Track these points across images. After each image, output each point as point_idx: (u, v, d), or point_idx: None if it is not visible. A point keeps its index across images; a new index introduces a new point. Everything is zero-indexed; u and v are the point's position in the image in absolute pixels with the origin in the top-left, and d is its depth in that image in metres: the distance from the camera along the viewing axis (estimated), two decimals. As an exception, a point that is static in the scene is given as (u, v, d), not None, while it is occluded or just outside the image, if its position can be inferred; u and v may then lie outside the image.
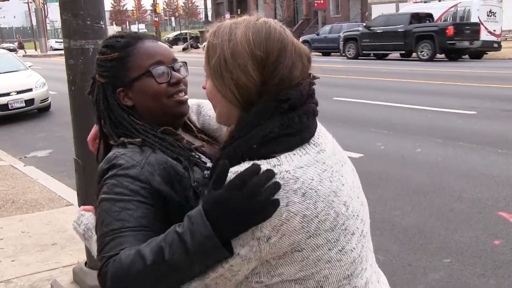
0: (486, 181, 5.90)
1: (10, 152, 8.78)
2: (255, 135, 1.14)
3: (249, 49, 1.15)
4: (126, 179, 1.30)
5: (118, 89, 1.47)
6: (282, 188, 1.09)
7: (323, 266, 1.16)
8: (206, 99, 1.34)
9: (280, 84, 1.17)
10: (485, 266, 4.01)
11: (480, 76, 15.67)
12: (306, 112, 1.19)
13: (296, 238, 1.11)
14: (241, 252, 1.11)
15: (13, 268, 4.20)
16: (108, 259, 1.21)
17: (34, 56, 39.72)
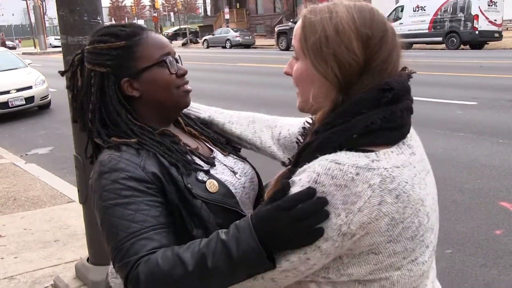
0: (487, 172, 5.90)
1: (11, 149, 8.79)
2: (357, 124, 1.09)
3: (354, 27, 1.12)
4: (132, 182, 1.28)
5: (122, 79, 1.40)
6: (378, 186, 1.05)
7: (393, 273, 1.12)
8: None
9: (381, 65, 1.13)
10: (487, 256, 4.01)
11: (481, 66, 15.64)
12: (406, 108, 1.15)
13: (378, 239, 1.08)
14: (322, 246, 1.06)
15: (16, 265, 4.22)
16: (137, 261, 1.19)
17: (33, 54, 39.66)
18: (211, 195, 1.37)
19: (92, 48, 1.42)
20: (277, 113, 3.41)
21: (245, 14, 48.80)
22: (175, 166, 1.35)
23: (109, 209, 1.27)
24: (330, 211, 1.04)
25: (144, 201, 1.27)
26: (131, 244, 1.22)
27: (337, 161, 1.06)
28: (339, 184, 1.04)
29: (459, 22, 23.18)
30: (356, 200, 1.04)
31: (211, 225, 1.32)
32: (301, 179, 1.08)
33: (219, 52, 32.73)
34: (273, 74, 17.21)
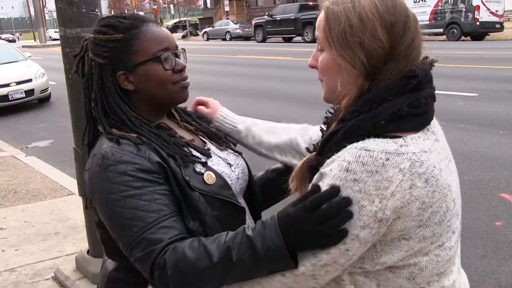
0: (487, 163, 5.90)
1: (11, 143, 8.80)
2: (384, 111, 1.11)
3: (378, 14, 1.13)
4: (141, 173, 1.29)
5: (118, 72, 1.41)
6: (408, 170, 1.07)
7: (421, 259, 1.14)
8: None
9: (405, 50, 1.15)
10: (486, 247, 4.02)
11: (482, 58, 15.59)
12: (430, 95, 1.17)
13: (408, 224, 1.09)
14: (360, 235, 1.07)
15: (16, 257, 4.23)
16: (163, 249, 1.22)
17: (33, 47, 39.59)
18: (208, 187, 1.38)
19: (93, 38, 1.43)
20: (277, 104, 3.40)
21: (245, 6, 48.63)
22: (173, 158, 1.36)
23: (120, 201, 1.27)
24: (364, 199, 1.06)
25: (156, 190, 1.29)
26: (152, 233, 1.24)
27: (367, 148, 1.08)
28: (370, 170, 1.06)
29: (460, 13, 23.10)
30: (388, 185, 1.05)
31: (208, 217, 1.33)
32: (331, 169, 1.10)
33: (219, 44, 32.65)
34: (273, 66, 17.19)
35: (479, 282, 3.57)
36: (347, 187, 1.07)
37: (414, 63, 1.17)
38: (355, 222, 1.07)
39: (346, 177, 1.07)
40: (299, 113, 9.19)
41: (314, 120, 1.36)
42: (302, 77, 12.79)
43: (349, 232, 1.07)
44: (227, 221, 1.38)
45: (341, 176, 1.07)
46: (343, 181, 1.07)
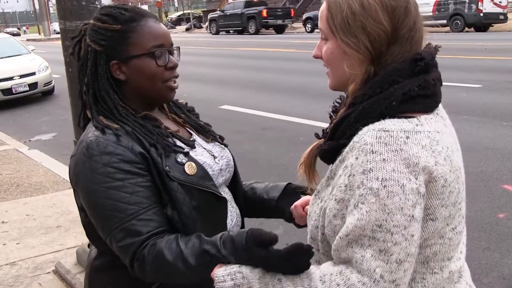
0: (491, 155, 5.86)
1: (14, 136, 8.81)
2: (395, 92, 1.13)
3: (379, 0, 1.16)
4: (124, 164, 1.35)
5: (112, 61, 1.45)
6: (429, 146, 1.09)
7: (436, 241, 1.16)
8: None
9: (408, 33, 1.18)
10: (490, 239, 4.00)
11: (486, 49, 15.50)
12: (438, 78, 1.20)
13: (434, 202, 1.10)
14: (415, 214, 1.07)
15: (18, 251, 4.24)
16: (143, 243, 1.32)
17: (37, 40, 39.60)
18: (188, 177, 1.42)
19: (92, 25, 1.48)
20: (278, 96, 3.34)
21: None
22: (154, 147, 1.41)
23: (103, 192, 1.34)
24: (401, 178, 1.05)
25: (138, 183, 1.35)
26: (132, 225, 1.32)
27: (385, 128, 1.09)
28: (395, 149, 1.07)
29: (464, 5, 22.93)
30: (417, 160, 1.07)
31: (185, 207, 1.40)
32: (357, 157, 1.09)
33: (222, 37, 32.59)
34: (274, 58, 17.15)
35: (482, 275, 3.56)
36: (379, 168, 1.06)
37: (418, 45, 1.20)
38: (405, 203, 1.05)
39: (375, 158, 1.07)
40: (298, 104, 9.17)
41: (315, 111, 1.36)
42: (303, 69, 12.76)
43: (405, 215, 1.06)
44: (207, 210, 1.45)
45: (369, 159, 1.07)
46: (373, 163, 1.07)
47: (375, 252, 1.07)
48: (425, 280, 1.18)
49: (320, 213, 1.23)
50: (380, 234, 1.06)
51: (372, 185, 1.06)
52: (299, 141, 6.96)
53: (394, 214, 1.05)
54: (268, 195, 1.74)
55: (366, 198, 1.07)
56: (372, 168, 1.06)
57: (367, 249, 1.08)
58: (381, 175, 1.06)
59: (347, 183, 1.11)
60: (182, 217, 1.39)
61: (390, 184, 1.05)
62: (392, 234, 1.06)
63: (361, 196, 1.08)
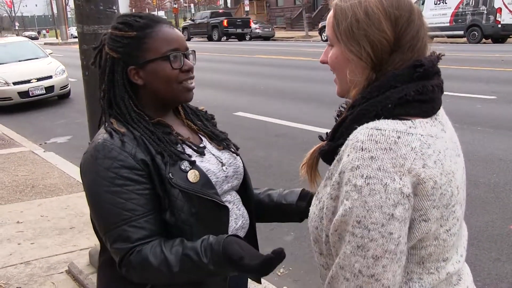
0: (503, 166, 5.83)
1: (30, 138, 8.93)
2: (391, 96, 1.16)
3: (383, 8, 1.19)
4: (124, 170, 1.41)
5: (130, 66, 1.51)
6: (419, 149, 1.11)
7: (431, 242, 1.18)
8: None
9: (410, 42, 1.21)
10: (501, 250, 3.98)
11: (502, 60, 15.40)
12: (437, 84, 1.23)
13: (425, 204, 1.13)
14: (395, 213, 1.09)
15: (32, 251, 4.30)
16: (130, 249, 1.39)
17: (55, 44, 40.04)
18: (190, 185, 1.47)
19: (110, 34, 1.55)
20: (292, 104, 3.31)
21: (265, 6, 48.65)
22: (161, 155, 1.46)
23: (101, 195, 1.42)
24: (385, 177, 1.08)
25: (135, 190, 1.41)
26: (123, 230, 1.40)
27: (378, 127, 1.12)
28: (384, 147, 1.09)
29: (481, 16, 22.83)
30: (403, 162, 1.09)
31: (183, 214, 1.46)
32: (348, 154, 1.13)
33: (238, 44, 32.72)
34: (291, 66, 17.18)
35: (492, 285, 3.54)
36: (366, 166, 1.09)
37: (420, 54, 1.22)
38: (385, 202, 1.08)
39: (363, 156, 1.10)
40: (312, 112, 9.19)
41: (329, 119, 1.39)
42: (319, 77, 12.77)
43: (383, 213, 1.08)
44: (208, 217, 1.51)
45: (358, 156, 1.10)
46: (360, 160, 1.10)
47: (353, 248, 1.11)
48: (422, 280, 1.20)
49: (319, 213, 1.25)
50: (358, 230, 1.09)
51: (356, 182, 1.09)
52: (311, 148, 6.97)
53: (373, 211, 1.08)
54: (287, 200, 1.79)
55: (350, 194, 1.10)
56: (359, 166, 1.10)
57: (347, 245, 1.12)
58: (366, 173, 1.09)
59: (339, 180, 1.15)
60: (179, 223, 1.45)
61: (373, 182, 1.08)
62: (369, 230, 1.09)
63: (346, 193, 1.11)
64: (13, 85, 11.73)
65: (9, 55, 12.88)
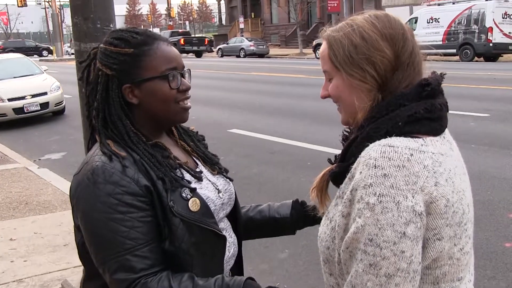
0: (498, 184, 5.86)
1: (24, 154, 8.90)
2: (401, 114, 1.17)
3: (377, 30, 1.22)
4: (127, 197, 1.33)
5: (125, 84, 1.43)
6: (431, 167, 1.12)
7: (445, 262, 1.17)
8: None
9: (409, 58, 1.23)
10: (496, 268, 3.98)
11: (495, 78, 15.53)
12: (444, 103, 1.24)
13: (438, 222, 1.13)
14: (407, 231, 1.08)
15: (25, 268, 4.26)
16: (135, 281, 1.31)
17: (50, 61, 40.09)
18: (191, 214, 1.40)
19: (104, 49, 1.45)
20: (286, 121, 3.34)
21: (260, 23, 48.97)
22: (162, 180, 1.39)
23: (103, 223, 1.32)
24: (398, 195, 1.08)
25: (138, 217, 1.34)
26: (126, 260, 1.31)
27: (390, 144, 1.13)
28: (397, 164, 1.10)
29: (473, 34, 23.07)
30: (416, 180, 1.09)
31: (183, 244, 1.39)
32: (361, 172, 1.13)
33: (233, 61, 32.88)
34: (286, 83, 17.26)
35: (487, 304, 3.54)
36: (379, 183, 1.09)
37: (419, 69, 1.25)
38: (397, 220, 1.08)
39: (376, 174, 1.10)
40: (306, 129, 9.22)
41: (323, 136, 1.41)
42: (312, 94, 12.82)
43: (395, 231, 1.08)
44: (206, 247, 1.44)
45: (371, 174, 1.10)
46: (373, 178, 1.10)
47: (365, 267, 1.10)
48: None
49: (331, 233, 1.24)
50: (371, 248, 1.09)
51: (369, 199, 1.09)
52: (306, 165, 6.98)
53: (385, 229, 1.08)
54: (280, 213, 1.77)
55: (363, 212, 1.10)
56: (372, 183, 1.09)
57: (359, 264, 1.11)
58: (378, 191, 1.08)
59: (351, 198, 1.15)
60: (180, 253, 1.39)
61: (386, 200, 1.08)
62: (381, 248, 1.08)
63: (359, 210, 1.11)
64: (8, 102, 11.73)
65: (4, 72, 12.87)
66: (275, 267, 4.17)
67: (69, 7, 3.42)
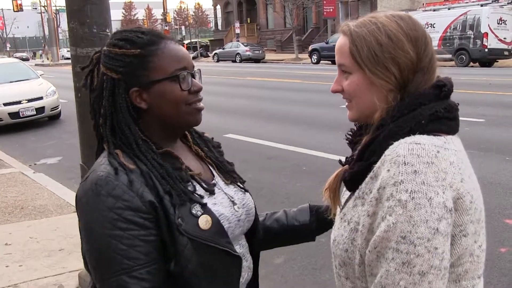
0: (493, 189, 5.87)
1: (20, 159, 8.89)
2: (423, 112, 1.18)
3: (403, 31, 1.22)
4: (128, 212, 1.23)
5: (132, 88, 1.33)
6: (456, 164, 1.14)
7: (467, 259, 1.18)
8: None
9: (429, 62, 1.24)
10: (491, 274, 3.98)
11: (490, 84, 15.60)
12: (457, 104, 1.27)
13: (464, 218, 1.13)
14: (440, 227, 1.08)
15: (20, 273, 4.25)
16: None
17: (46, 65, 40.08)
18: (201, 233, 1.29)
19: (108, 51, 1.36)
20: (283, 126, 3.35)
21: (256, 28, 49.06)
22: (169, 195, 1.29)
23: (101, 239, 1.23)
24: (429, 191, 1.08)
25: (139, 236, 1.24)
26: (122, 280, 1.22)
27: (417, 141, 1.13)
28: (426, 161, 1.10)
29: (469, 40, 23.17)
30: (444, 176, 1.11)
31: (191, 265, 1.28)
32: (389, 169, 1.12)
33: (229, 66, 32.91)
34: (281, 89, 17.28)
35: (482, 309, 3.54)
36: (410, 180, 1.09)
37: (434, 74, 1.26)
38: (430, 216, 1.07)
39: (406, 170, 1.09)
40: (302, 134, 9.22)
41: (319, 141, 1.41)
42: (308, 100, 12.86)
43: (429, 228, 1.07)
44: (218, 268, 1.33)
45: (401, 171, 1.10)
46: (404, 175, 1.09)
47: (398, 265, 1.08)
48: None
49: (350, 235, 1.22)
50: (404, 246, 1.08)
51: (401, 197, 1.08)
52: (302, 170, 6.99)
53: (418, 226, 1.07)
54: (299, 220, 1.67)
55: (394, 209, 1.09)
56: (403, 180, 1.09)
57: (391, 263, 1.09)
58: (410, 187, 1.08)
59: (377, 197, 1.14)
60: (187, 275, 1.27)
61: (418, 196, 1.07)
62: (415, 246, 1.07)
63: (389, 208, 1.10)
64: (4, 106, 11.71)
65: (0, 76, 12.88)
66: (270, 273, 4.17)
67: (65, 12, 3.43)
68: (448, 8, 24.90)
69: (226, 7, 54.23)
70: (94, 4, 3.21)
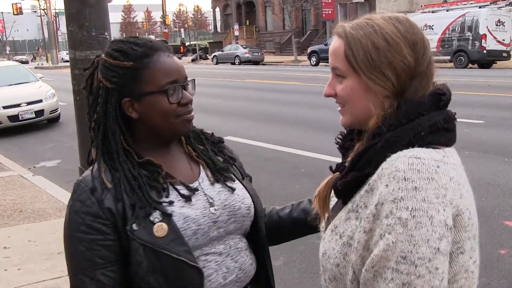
0: (492, 190, 5.88)
1: (19, 162, 8.88)
2: (422, 123, 1.13)
3: (401, 35, 1.17)
4: (89, 217, 1.32)
5: (124, 98, 1.39)
6: (456, 179, 1.10)
7: (462, 275, 1.13)
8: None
9: (427, 67, 1.19)
10: (491, 275, 3.99)
11: (489, 85, 15.61)
12: (454, 113, 1.22)
13: (462, 235, 1.10)
14: (441, 247, 1.04)
15: (19, 277, 4.24)
16: None
17: (45, 68, 40.09)
18: (154, 239, 1.31)
19: (104, 61, 1.41)
20: (281, 128, 3.33)
21: (255, 31, 49.11)
22: (132, 208, 1.34)
23: (68, 239, 1.35)
24: (430, 209, 1.04)
25: (96, 240, 1.32)
26: (80, 280, 1.33)
27: (417, 156, 1.08)
28: (427, 177, 1.06)
29: (467, 41, 23.22)
30: (445, 192, 1.06)
31: (141, 271, 1.32)
32: (387, 184, 1.07)
33: (228, 68, 32.92)
34: (280, 91, 17.29)
35: (482, 311, 3.55)
36: (410, 197, 1.04)
37: (432, 79, 1.21)
38: (431, 235, 1.03)
39: (406, 186, 1.05)
40: (300, 136, 9.23)
41: (317, 143, 1.41)
42: (307, 102, 12.87)
43: (430, 247, 1.03)
44: (176, 278, 1.33)
45: (401, 187, 1.05)
46: (404, 191, 1.05)
47: (397, 286, 1.04)
48: None
49: (342, 249, 1.18)
50: (404, 266, 1.03)
51: (401, 214, 1.04)
52: (300, 172, 7.00)
53: (420, 246, 1.02)
54: (306, 214, 1.66)
55: (394, 228, 1.04)
56: (403, 197, 1.04)
57: (390, 283, 1.05)
58: (411, 205, 1.03)
59: (375, 213, 1.09)
60: (138, 281, 1.33)
61: (419, 214, 1.03)
62: (416, 266, 1.03)
63: (388, 226, 1.05)
64: (3, 109, 11.71)
65: (-1, 79, 12.89)
66: (270, 275, 4.16)
67: (64, 15, 3.43)
68: (446, 10, 24.95)
69: (225, 9, 54.29)
70: (93, 8, 3.22)
